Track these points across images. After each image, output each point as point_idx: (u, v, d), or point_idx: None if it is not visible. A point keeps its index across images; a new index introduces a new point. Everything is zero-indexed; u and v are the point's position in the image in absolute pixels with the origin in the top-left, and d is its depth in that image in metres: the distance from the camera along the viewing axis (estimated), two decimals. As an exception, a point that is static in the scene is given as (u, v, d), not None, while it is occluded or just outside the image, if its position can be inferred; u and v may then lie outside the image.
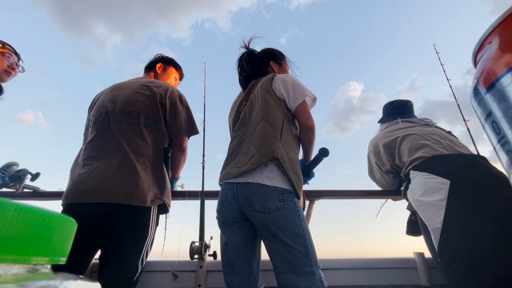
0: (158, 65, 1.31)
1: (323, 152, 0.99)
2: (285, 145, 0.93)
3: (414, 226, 1.27)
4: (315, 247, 0.87)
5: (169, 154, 1.06)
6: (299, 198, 0.90)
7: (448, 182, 0.98)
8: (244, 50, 1.24)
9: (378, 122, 1.59)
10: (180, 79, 1.44)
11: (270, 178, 0.88)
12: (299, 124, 1.03)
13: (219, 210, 0.97)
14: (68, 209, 0.91)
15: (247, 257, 0.90)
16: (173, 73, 1.36)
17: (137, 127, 1.02)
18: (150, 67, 1.33)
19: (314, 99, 1.07)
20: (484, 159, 1.10)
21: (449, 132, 1.30)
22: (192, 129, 1.16)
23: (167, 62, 1.35)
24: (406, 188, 1.22)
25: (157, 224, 1.01)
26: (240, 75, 1.24)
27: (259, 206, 0.86)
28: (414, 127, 1.32)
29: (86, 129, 1.10)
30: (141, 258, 0.92)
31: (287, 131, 0.97)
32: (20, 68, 1.27)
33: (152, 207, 0.96)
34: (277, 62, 1.24)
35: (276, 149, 0.90)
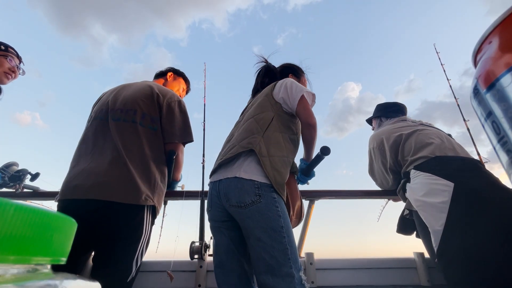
0: (169, 74, 1.38)
1: (325, 150, 0.99)
2: (267, 141, 0.91)
3: (406, 225, 1.26)
4: (301, 247, 0.84)
5: (174, 157, 1.06)
6: (279, 195, 0.87)
7: (452, 185, 0.97)
8: (262, 63, 1.28)
9: (379, 116, 1.56)
10: (187, 92, 1.49)
11: (247, 171, 0.87)
12: (301, 122, 1.03)
13: (207, 210, 0.98)
14: (60, 206, 0.91)
15: (237, 258, 0.90)
16: (181, 84, 1.42)
17: (133, 125, 1.02)
18: (160, 75, 1.38)
19: (313, 96, 1.07)
20: (482, 164, 1.11)
21: (449, 135, 1.30)
22: (186, 136, 1.13)
23: (178, 73, 1.42)
24: (404, 186, 1.22)
25: (152, 224, 1.00)
26: (255, 85, 1.28)
27: (235, 200, 0.84)
28: (418, 126, 1.32)
29: (87, 126, 1.12)
30: (135, 258, 0.90)
31: (274, 129, 0.95)
32: (21, 71, 1.28)
33: (146, 206, 0.94)
34: (296, 76, 1.27)
35: (254, 142, 0.89)
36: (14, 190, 1.24)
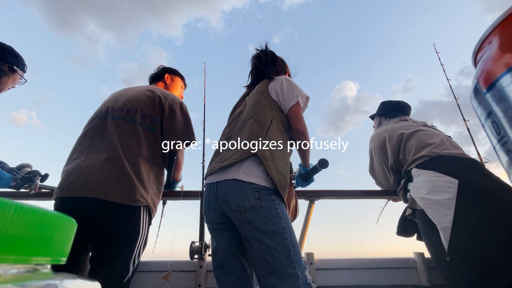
0: (166, 76, 1.38)
1: (322, 163, 0.98)
2: (270, 143, 0.90)
3: (407, 226, 1.25)
4: (300, 247, 0.83)
5: (174, 158, 1.06)
6: (280, 197, 0.86)
7: (456, 181, 0.98)
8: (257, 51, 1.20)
9: (380, 115, 1.57)
10: (184, 87, 1.50)
11: (246, 173, 0.85)
12: (291, 128, 1.01)
13: (204, 213, 0.96)
14: (56, 204, 0.91)
15: (237, 260, 0.89)
16: (179, 82, 1.43)
17: (133, 125, 1.02)
18: (157, 78, 1.38)
19: (307, 99, 1.05)
20: (482, 164, 1.12)
21: (449, 137, 1.31)
22: (188, 136, 1.13)
23: (173, 72, 1.42)
24: (405, 185, 1.22)
25: (149, 224, 0.99)
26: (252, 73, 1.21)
27: (234, 205, 0.83)
28: (420, 126, 1.33)
29: (86, 124, 1.12)
30: (132, 259, 0.89)
31: (275, 130, 0.94)
32: (22, 81, 1.27)
33: (142, 206, 0.93)
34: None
35: (258, 146, 0.88)
36: (28, 191, 1.23)
